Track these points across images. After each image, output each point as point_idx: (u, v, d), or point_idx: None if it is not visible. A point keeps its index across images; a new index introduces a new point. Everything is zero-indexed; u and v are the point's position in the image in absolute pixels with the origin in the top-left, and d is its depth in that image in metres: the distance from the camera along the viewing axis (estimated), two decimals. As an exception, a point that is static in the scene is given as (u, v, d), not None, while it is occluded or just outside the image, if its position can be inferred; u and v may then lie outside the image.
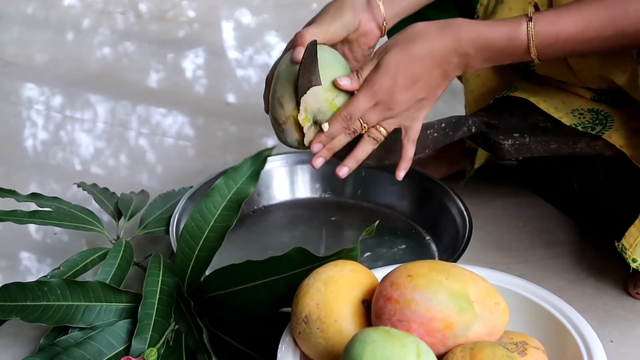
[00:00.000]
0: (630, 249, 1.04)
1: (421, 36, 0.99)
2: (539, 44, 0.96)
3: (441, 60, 0.99)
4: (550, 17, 0.97)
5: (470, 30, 0.98)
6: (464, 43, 0.98)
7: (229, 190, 1.06)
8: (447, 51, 0.98)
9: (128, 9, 2.54)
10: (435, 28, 0.99)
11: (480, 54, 0.98)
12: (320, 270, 0.89)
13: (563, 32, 0.96)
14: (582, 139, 1.12)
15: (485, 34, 0.98)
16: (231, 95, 1.99)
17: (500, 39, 0.97)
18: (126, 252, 1.12)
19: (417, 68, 0.98)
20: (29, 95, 1.92)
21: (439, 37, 0.98)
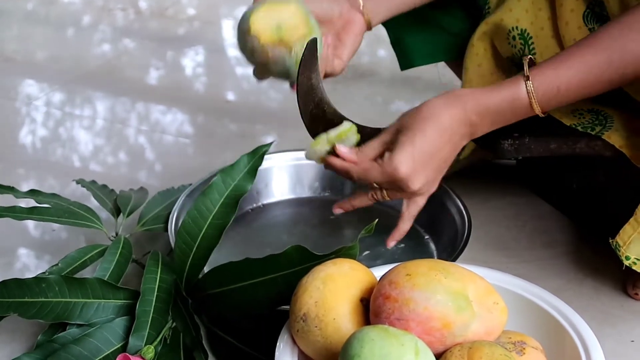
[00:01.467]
0: (624, 246, 1.04)
1: (430, 116, 1.00)
2: (540, 100, 0.98)
3: (451, 134, 1.01)
4: (548, 72, 0.98)
5: (473, 98, 1.00)
6: (469, 113, 1.00)
7: (227, 187, 1.07)
8: (456, 124, 1.00)
9: (128, 5, 2.54)
10: (441, 103, 1.01)
11: (485, 120, 1.01)
12: (318, 268, 0.89)
13: (563, 84, 0.97)
14: (581, 139, 1.11)
15: (488, 101, 1.00)
16: (231, 92, 1.99)
17: (502, 103, 0.99)
18: (124, 249, 1.12)
19: (431, 147, 1.00)
20: (28, 92, 1.92)
21: (446, 112, 1.00)
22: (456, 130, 1.01)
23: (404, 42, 1.31)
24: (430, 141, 1.00)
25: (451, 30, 1.29)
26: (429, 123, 1.00)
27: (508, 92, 0.99)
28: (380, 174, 1.01)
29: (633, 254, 1.03)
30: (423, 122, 1.00)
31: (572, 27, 1.13)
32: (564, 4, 1.13)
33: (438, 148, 1.01)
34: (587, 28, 1.12)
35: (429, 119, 1.00)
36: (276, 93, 1.93)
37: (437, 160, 1.02)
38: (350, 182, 1.34)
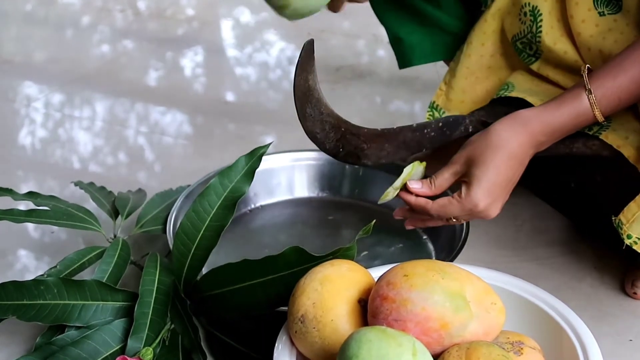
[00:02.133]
0: (627, 224, 1.03)
1: (500, 145, 1.02)
2: (604, 111, 1.01)
3: (522, 159, 1.04)
4: (607, 82, 1.00)
5: (540, 122, 1.03)
6: (536, 135, 1.03)
7: (224, 189, 1.07)
8: (525, 149, 1.03)
9: (127, 6, 2.54)
10: (510, 131, 1.03)
11: (551, 138, 1.04)
12: (316, 269, 0.89)
13: (624, 93, 1.00)
14: (579, 139, 1.11)
15: (554, 121, 1.02)
16: (230, 93, 1.99)
17: (568, 120, 1.02)
18: (123, 251, 1.12)
19: (505, 176, 1.03)
20: (27, 93, 1.92)
21: (515, 139, 1.03)
22: (525, 155, 1.04)
23: (403, 41, 1.31)
24: (504, 173, 1.03)
25: (449, 29, 1.29)
26: (500, 154, 1.02)
27: (572, 109, 1.01)
28: (459, 210, 1.04)
29: (635, 232, 1.03)
30: (493, 153, 1.02)
31: (582, 9, 1.13)
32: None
33: (510, 176, 1.04)
34: (596, 11, 1.12)
35: (500, 148, 1.02)
36: (275, 93, 1.94)
37: (510, 186, 1.05)
38: (348, 182, 1.35)
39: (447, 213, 1.05)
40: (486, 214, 1.04)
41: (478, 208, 1.03)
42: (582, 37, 1.13)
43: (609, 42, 1.11)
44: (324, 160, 1.33)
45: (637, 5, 1.08)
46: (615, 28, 1.11)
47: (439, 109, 1.28)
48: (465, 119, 1.15)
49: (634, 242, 1.03)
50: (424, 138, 1.12)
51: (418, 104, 1.82)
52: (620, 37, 1.10)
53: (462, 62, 1.25)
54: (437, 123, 1.13)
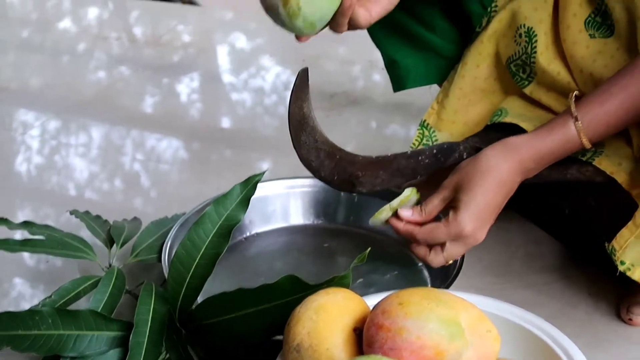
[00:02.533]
0: (620, 250, 1.04)
1: (489, 170, 1.03)
2: (591, 137, 1.01)
3: (510, 185, 1.05)
4: (595, 109, 1.01)
5: (528, 148, 1.03)
6: (525, 162, 1.04)
7: (219, 217, 1.07)
8: (514, 175, 1.04)
9: (123, 33, 2.55)
10: (499, 157, 1.04)
11: (540, 164, 1.05)
12: (311, 298, 0.89)
13: (612, 118, 1.00)
14: (572, 165, 1.12)
15: (543, 148, 1.03)
16: (226, 119, 2.00)
17: (557, 147, 1.03)
18: (118, 280, 1.12)
19: (493, 201, 1.04)
20: (23, 120, 1.93)
21: (504, 165, 1.03)
22: (514, 182, 1.04)
23: (398, 64, 1.32)
24: (492, 197, 1.03)
25: (444, 53, 1.29)
26: (488, 179, 1.03)
27: (560, 135, 1.02)
28: (446, 235, 1.04)
29: (628, 259, 1.03)
30: (482, 178, 1.03)
31: (574, 31, 1.14)
32: (568, 8, 1.15)
33: (498, 201, 1.04)
34: (587, 33, 1.13)
35: (488, 173, 1.03)
36: (271, 119, 1.94)
37: (497, 211, 1.05)
38: (343, 209, 1.35)
39: (434, 238, 1.05)
40: (473, 239, 1.04)
41: (464, 232, 1.03)
42: (574, 59, 1.14)
43: (599, 65, 1.12)
44: (319, 187, 1.33)
45: (629, 30, 1.08)
46: (605, 51, 1.12)
47: (429, 127, 1.28)
48: (460, 146, 1.16)
49: (627, 269, 1.03)
50: (419, 165, 1.12)
51: (414, 129, 1.82)
52: (610, 61, 1.11)
53: (455, 82, 1.26)
54: (431, 150, 1.13)
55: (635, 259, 1.03)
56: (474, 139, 1.20)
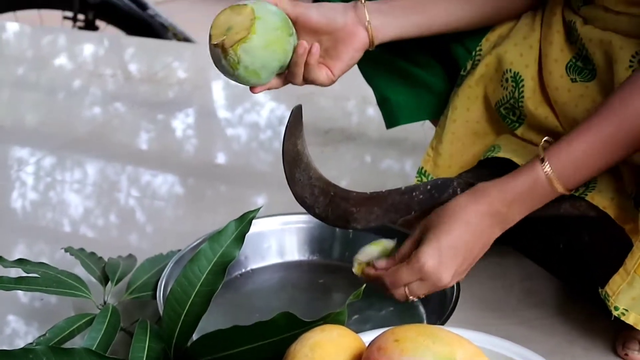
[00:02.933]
0: (613, 296, 1.04)
1: (455, 212, 1.04)
2: (560, 178, 1.01)
3: (479, 227, 1.04)
4: (561, 151, 1.01)
5: (496, 190, 1.04)
6: (495, 204, 1.03)
7: (214, 254, 1.06)
8: (483, 218, 1.04)
9: (118, 70, 2.57)
10: (467, 200, 1.05)
11: (513, 209, 1.04)
12: (307, 335, 0.89)
13: (580, 160, 1.00)
14: (566, 200, 1.12)
15: (510, 190, 1.03)
16: (221, 155, 2.00)
17: (524, 188, 1.02)
18: (113, 318, 1.11)
19: (457, 241, 1.04)
20: (18, 157, 1.93)
21: (472, 207, 1.04)
22: (484, 226, 1.04)
23: (390, 101, 1.33)
24: (456, 236, 1.03)
25: (434, 89, 1.31)
26: (454, 219, 1.03)
27: (528, 177, 1.02)
28: (408, 273, 1.04)
29: (622, 304, 1.04)
30: (448, 218, 1.04)
31: (555, 76, 1.15)
32: (549, 54, 1.16)
33: (464, 242, 1.04)
34: (568, 78, 1.14)
35: (454, 215, 1.04)
36: (266, 154, 1.95)
37: (464, 254, 1.04)
38: (338, 245, 1.35)
39: (398, 279, 1.05)
40: (436, 278, 1.04)
41: (425, 267, 1.03)
42: (558, 105, 1.16)
43: (581, 110, 1.13)
44: (314, 224, 1.33)
45: (609, 74, 1.09)
46: (587, 95, 1.13)
47: (427, 174, 1.29)
48: (453, 182, 1.16)
49: (621, 314, 1.04)
50: (413, 201, 1.13)
51: (408, 164, 1.83)
52: (592, 105, 1.12)
53: (447, 127, 1.27)
54: (425, 186, 1.14)
55: (628, 304, 1.04)
56: (467, 174, 1.20)
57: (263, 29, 1.03)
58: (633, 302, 1.04)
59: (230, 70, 1.06)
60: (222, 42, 1.03)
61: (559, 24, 1.16)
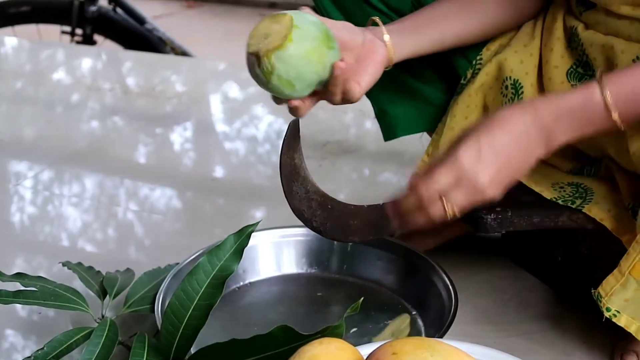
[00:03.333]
0: (606, 297, 1.04)
1: (499, 119, 0.98)
2: (616, 102, 0.95)
3: (522, 137, 0.97)
4: (620, 75, 0.97)
5: (547, 102, 0.98)
6: (541, 114, 0.97)
7: (213, 268, 1.06)
8: (526, 126, 0.97)
9: (116, 84, 2.57)
10: (513, 109, 0.99)
11: (559, 122, 0.97)
12: (305, 348, 0.89)
13: (637, 85, 0.96)
14: (563, 212, 1.13)
15: (561, 103, 0.98)
16: (219, 168, 2.00)
17: (575, 103, 0.97)
18: (110, 332, 1.11)
19: (498, 146, 0.97)
20: (16, 171, 1.93)
21: (518, 117, 0.98)
22: (529, 136, 0.97)
23: (388, 114, 1.33)
24: (497, 139, 0.97)
25: (433, 101, 1.31)
26: (497, 123, 0.97)
27: (581, 94, 0.97)
28: (443, 172, 0.97)
29: (614, 305, 1.04)
30: (491, 122, 0.98)
31: (556, 82, 1.15)
32: (550, 61, 1.16)
33: (505, 146, 0.97)
34: (569, 84, 1.15)
35: (498, 120, 0.98)
36: (264, 167, 1.95)
37: (503, 159, 0.97)
38: (336, 258, 1.35)
39: (432, 183, 0.97)
40: (474, 177, 0.96)
41: (460, 161, 0.96)
42: None
43: None
44: (312, 236, 1.33)
45: None
46: None
47: None
48: (450, 195, 1.16)
49: (613, 315, 1.04)
50: (411, 214, 1.12)
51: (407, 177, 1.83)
52: None
53: (444, 134, 1.27)
54: (423, 199, 1.14)
55: (621, 306, 1.04)
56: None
57: (300, 38, 0.99)
58: (625, 304, 1.03)
59: (263, 79, 1.02)
60: (258, 50, 1.00)
61: (560, 31, 1.17)
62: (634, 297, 1.03)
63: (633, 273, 1.02)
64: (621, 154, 1.08)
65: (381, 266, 1.32)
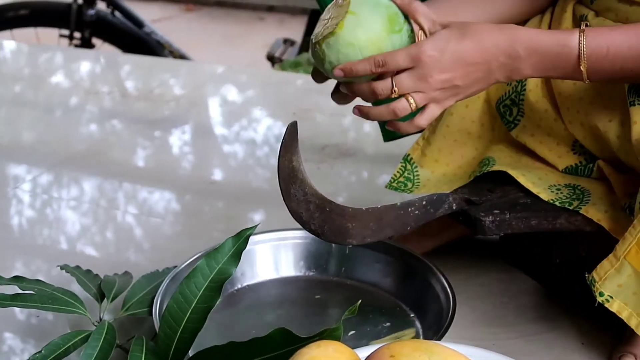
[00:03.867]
0: (600, 281, 1.03)
1: (480, 28, 1.00)
2: (589, 55, 0.98)
3: (489, 55, 0.99)
4: (602, 31, 0.99)
5: (524, 32, 1.00)
6: (516, 43, 0.99)
7: (211, 271, 1.06)
8: (498, 47, 0.99)
9: (115, 87, 2.57)
10: (492, 26, 1.01)
11: (530, 58, 0.99)
12: (303, 351, 0.89)
13: (613, 45, 0.98)
14: (561, 214, 1.13)
15: (539, 38, 0.99)
16: (218, 171, 2.00)
17: (552, 45, 0.99)
18: (108, 335, 1.11)
19: (464, 53, 0.99)
20: (15, 174, 1.93)
21: (494, 32, 0.99)
22: (496, 56, 0.99)
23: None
24: (465, 51, 0.98)
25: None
26: (472, 34, 0.99)
27: (561, 37, 0.99)
28: (403, 56, 0.98)
29: (607, 290, 1.03)
30: (468, 30, 0.99)
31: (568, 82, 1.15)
32: None
33: (471, 58, 0.99)
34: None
35: (475, 33, 0.99)
36: (263, 170, 1.95)
37: (463, 70, 0.99)
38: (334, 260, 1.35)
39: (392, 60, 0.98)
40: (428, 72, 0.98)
41: (424, 55, 0.97)
42: (562, 97, 1.16)
43: (585, 103, 1.13)
44: (310, 239, 1.33)
45: None
46: (592, 87, 1.13)
47: (412, 162, 1.29)
48: (449, 197, 1.16)
49: (605, 300, 1.03)
50: (408, 217, 1.13)
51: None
52: (597, 97, 1.12)
53: (443, 119, 1.28)
54: (420, 201, 1.14)
55: (614, 291, 1.03)
56: (464, 189, 1.21)
57: (353, 25, 0.99)
58: (619, 290, 1.03)
59: (319, 65, 1.03)
60: (314, 35, 1.00)
61: (569, 21, 1.17)
62: (627, 282, 1.02)
63: (628, 258, 1.01)
64: (623, 143, 1.08)
65: (379, 269, 1.32)
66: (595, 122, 1.12)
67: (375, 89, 1.00)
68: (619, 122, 1.09)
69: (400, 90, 0.99)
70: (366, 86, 1.01)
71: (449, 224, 1.37)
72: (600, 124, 1.11)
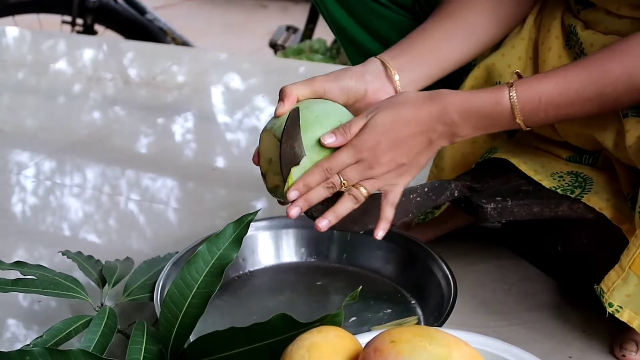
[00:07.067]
0: (608, 292, 1.04)
1: (410, 102, 1.01)
2: (522, 108, 0.99)
3: (426, 127, 1.01)
4: (531, 82, 1.00)
5: (455, 98, 1.01)
6: (449, 110, 1.00)
7: (212, 256, 1.06)
8: (432, 118, 1.00)
9: (117, 74, 2.57)
10: (424, 96, 1.02)
11: (466, 122, 1.01)
12: (303, 336, 0.89)
13: (544, 95, 0.99)
14: (563, 202, 1.13)
15: (470, 101, 1.00)
16: (220, 159, 2.00)
17: (484, 105, 1.00)
18: (110, 320, 1.12)
19: (402, 132, 1.00)
20: (18, 161, 1.93)
21: (425, 105, 1.01)
22: (433, 126, 1.01)
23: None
24: (402, 124, 1.00)
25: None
26: (403, 109, 1.01)
27: (491, 96, 1.00)
28: (347, 151, 1.00)
29: (616, 300, 1.04)
30: (398, 104, 1.01)
31: None
32: (547, 61, 1.16)
33: (408, 134, 1.00)
34: None
35: (407, 105, 1.01)
36: (265, 158, 1.95)
37: (406, 145, 1.01)
38: (336, 247, 1.35)
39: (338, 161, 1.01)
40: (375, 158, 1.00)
41: (364, 143, 0.99)
42: None
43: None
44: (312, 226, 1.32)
45: None
46: None
47: None
48: (451, 184, 1.16)
49: (615, 310, 1.04)
50: (410, 203, 1.13)
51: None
52: None
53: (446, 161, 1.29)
54: (422, 188, 1.14)
55: (623, 301, 1.04)
56: (466, 177, 1.21)
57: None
58: (627, 300, 1.04)
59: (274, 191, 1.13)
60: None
61: (558, 29, 1.16)
62: (635, 292, 1.03)
63: (633, 268, 1.02)
64: (618, 149, 1.08)
65: (381, 255, 1.32)
66: (591, 132, 1.12)
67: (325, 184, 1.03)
68: (615, 131, 1.09)
69: (350, 182, 1.02)
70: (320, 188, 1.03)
71: (452, 213, 1.37)
72: (596, 133, 1.11)
